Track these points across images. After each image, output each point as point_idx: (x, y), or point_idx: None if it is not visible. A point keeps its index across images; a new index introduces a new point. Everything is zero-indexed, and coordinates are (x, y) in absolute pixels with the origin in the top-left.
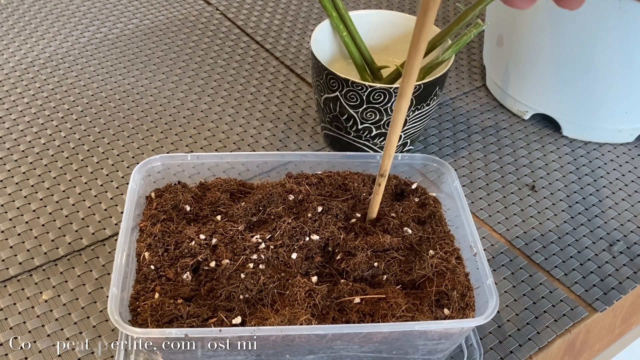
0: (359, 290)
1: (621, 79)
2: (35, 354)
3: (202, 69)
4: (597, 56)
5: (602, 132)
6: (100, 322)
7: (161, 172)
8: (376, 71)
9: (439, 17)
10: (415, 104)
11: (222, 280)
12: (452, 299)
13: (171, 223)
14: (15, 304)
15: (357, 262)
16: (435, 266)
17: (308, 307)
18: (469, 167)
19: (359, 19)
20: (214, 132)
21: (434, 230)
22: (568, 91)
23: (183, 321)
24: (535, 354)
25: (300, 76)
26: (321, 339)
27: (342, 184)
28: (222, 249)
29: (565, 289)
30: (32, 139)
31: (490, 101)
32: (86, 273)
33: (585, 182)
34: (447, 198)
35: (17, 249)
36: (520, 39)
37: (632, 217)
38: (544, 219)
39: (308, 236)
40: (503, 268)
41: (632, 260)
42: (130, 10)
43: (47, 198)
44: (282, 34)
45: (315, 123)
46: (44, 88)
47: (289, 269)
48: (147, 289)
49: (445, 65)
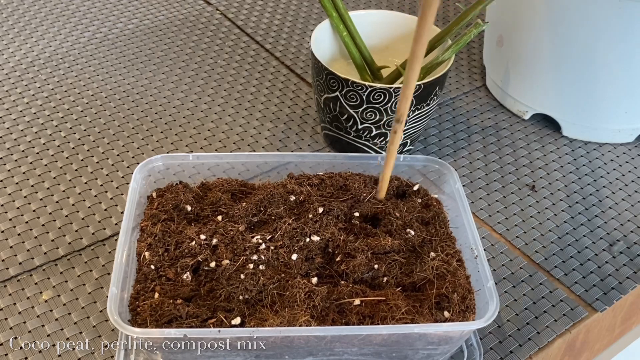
0: (358, 292)
1: (621, 79)
2: (35, 354)
3: (202, 69)
4: (597, 56)
5: (602, 132)
6: (100, 322)
7: (161, 172)
8: (376, 71)
9: (439, 17)
10: (415, 104)
11: (222, 280)
12: (452, 301)
13: (172, 223)
14: (15, 304)
15: (356, 264)
16: (436, 268)
17: (307, 308)
18: (469, 167)
19: (359, 19)
20: (214, 132)
21: (437, 231)
22: (568, 91)
23: (182, 321)
24: (535, 354)
25: (300, 76)
26: (320, 341)
27: (343, 185)
28: (222, 249)
29: (565, 289)
30: (32, 139)
31: (490, 101)
32: (86, 273)
33: (585, 182)
34: (448, 199)
35: (17, 249)
36: (520, 39)
37: (632, 217)
38: (544, 219)
39: (309, 237)
40: (503, 268)
41: (632, 260)
42: (130, 10)
43: (47, 198)
44: (282, 34)
45: (315, 123)
46: (44, 88)
47: (289, 270)
48: (147, 289)
49: (445, 65)
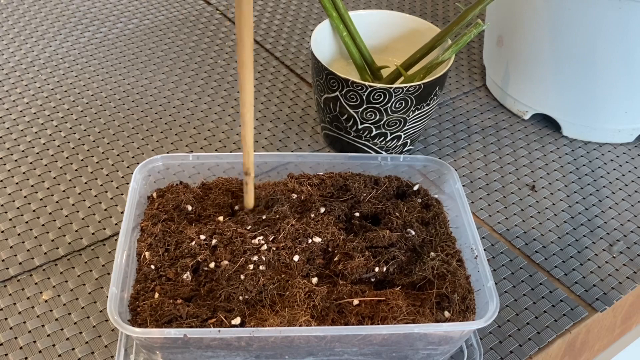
0: (358, 292)
1: (621, 79)
2: (35, 354)
3: (202, 69)
4: (597, 56)
5: (602, 132)
6: (100, 322)
7: (162, 172)
8: (376, 71)
9: (439, 17)
10: (415, 104)
11: (222, 281)
12: (452, 301)
13: (172, 223)
14: (15, 304)
15: (355, 265)
16: (436, 268)
17: (307, 308)
18: (469, 167)
19: (359, 19)
20: (214, 132)
21: (437, 231)
22: (568, 91)
23: (182, 321)
24: (535, 354)
25: (300, 76)
26: (320, 341)
27: (343, 185)
28: (222, 249)
29: (565, 289)
30: (32, 139)
31: (490, 101)
32: (86, 273)
33: (585, 182)
34: (448, 199)
35: (17, 249)
36: (520, 39)
37: (632, 217)
38: (544, 219)
39: (311, 238)
40: (503, 268)
41: (632, 260)
42: (130, 10)
43: (47, 198)
44: (282, 34)
45: (315, 123)
46: (44, 88)
47: (289, 270)
48: (147, 289)
49: (445, 65)
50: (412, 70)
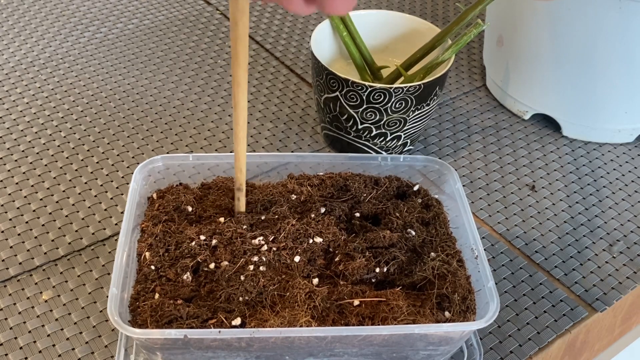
0: (359, 293)
1: (621, 79)
2: (35, 354)
3: (202, 69)
4: (597, 56)
5: (602, 132)
6: (100, 322)
7: (162, 172)
8: (376, 71)
9: (439, 17)
10: (415, 104)
11: (222, 282)
12: (453, 302)
13: (172, 224)
14: (15, 304)
15: (356, 266)
16: (436, 269)
17: (308, 309)
18: (469, 167)
19: (359, 19)
20: (214, 132)
21: (437, 232)
22: (568, 91)
23: (183, 322)
24: (535, 354)
25: (300, 76)
26: (321, 341)
27: (343, 185)
28: (222, 250)
29: (565, 289)
30: (32, 139)
31: (490, 101)
32: (86, 273)
33: (585, 182)
34: (448, 199)
35: (17, 249)
36: (520, 39)
37: (632, 217)
38: (544, 219)
39: (312, 238)
40: (503, 268)
41: (632, 260)
42: (130, 10)
43: (47, 198)
44: (282, 34)
45: (315, 123)
46: (44, 88)
47: (290, 271)
48: (147, 289)
49: (445, 65)
50: (412, 70)
